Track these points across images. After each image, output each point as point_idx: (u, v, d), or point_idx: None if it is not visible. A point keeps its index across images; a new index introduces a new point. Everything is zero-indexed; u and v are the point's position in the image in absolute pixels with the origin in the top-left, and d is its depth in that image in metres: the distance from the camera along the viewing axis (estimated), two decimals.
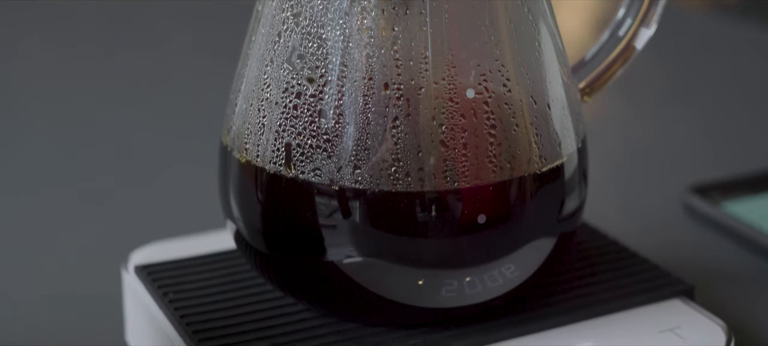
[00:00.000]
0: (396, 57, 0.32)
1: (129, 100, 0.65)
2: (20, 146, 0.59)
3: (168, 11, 0.80)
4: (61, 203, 0.52)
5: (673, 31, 0.71)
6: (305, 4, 0.33)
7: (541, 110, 0.34)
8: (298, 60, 0.33)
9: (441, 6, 0.32)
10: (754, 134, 0.60)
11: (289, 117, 0.33)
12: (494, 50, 0.33)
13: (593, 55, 0.37)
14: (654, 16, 0.36)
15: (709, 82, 0.68)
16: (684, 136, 0.60)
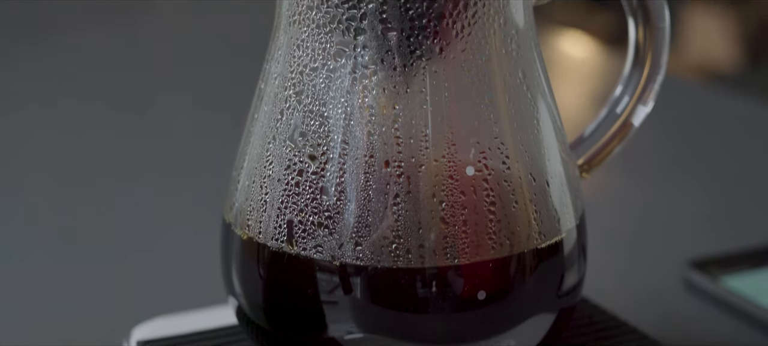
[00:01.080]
0: (397, 135, 0.33)
1: (131, 171, 0.65)
2: (18, 208, 0.59)
3: (172, 85, 0.81)
4: (60, 272, 0.52)
5: (671, 104, 0.72)
6: (307, 82, 0.33)
7: (540, 187, 0.34)
8: (300, 137, 0.33)
9: (441, 85, 0.33)
10: (752, 208, 0.60)
11: (291, 194, 0.33)
12: (493, 128, 0.33)
13: (591, 131, 0.38)
14: (651, 94, 0.37)
15: (707, 156, 0.68)
16: (683, 211, 0.60)
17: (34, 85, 0.80)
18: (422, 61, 0.32)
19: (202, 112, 0.75)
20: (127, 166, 0.66)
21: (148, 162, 0.67)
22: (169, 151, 0.69)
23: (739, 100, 0.81)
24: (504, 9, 0.33)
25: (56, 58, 0.84)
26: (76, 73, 0.82)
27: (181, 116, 0.74)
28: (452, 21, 0.32)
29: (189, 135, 0.71)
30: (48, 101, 0.77)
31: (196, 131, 0.71)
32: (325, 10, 0.33)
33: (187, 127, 0.72)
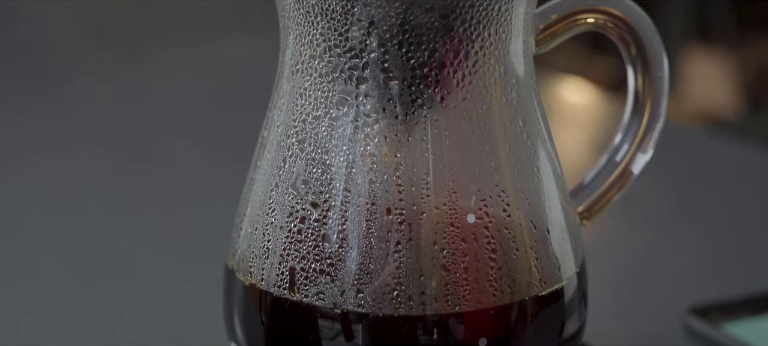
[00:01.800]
0: (398, 182, 0.33)
1: (132, 218, 0.66)
2: (18, 259, 0.59)
3: (174, 134, 0.81)
4: (62, 322, 0.52)
5: (671, 150, 0.72)
6: (310, 130, 0.34)
7: (540, 234, 0.34)
8: (302, 185, 0.34)
9: (442, 133, 0.33)
10: (753, 255, 0.60)
11: (293, 241, 0.34)
12: (494, 176, 0.34)
13: (591, 179, 0.38)
14: (650, 142, 0.37)
15: (707, 202, 0.69)
16: (683, 257, 0.60)
17: (34, 134, 0.80)
18: (424, 110, 0.33)
19: (204, 160, 0.75)
20: (128, 214, 0.67)
21: (150, 209, 0.67)
22: (171, 197, 0.69)
23: (740, 147, 0.82)
24: (504, 58, 0.34)
25: (56, 107, 0.85)
26: (77, 121, 0.82)
27: (184, 164, 0.75)
28: (453, 70, 0.33)
29: (191, 182, 0.71)
30: (48, 149, 0.77)
31: (199, 178, 0.72)
32: (327, 59, 0.33)
33: (189, 174, 0.73)
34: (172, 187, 0.71)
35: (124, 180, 0.72)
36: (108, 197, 0.69)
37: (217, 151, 0.76)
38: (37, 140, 0.79)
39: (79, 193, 0.69)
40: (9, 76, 0.93)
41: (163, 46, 1.02)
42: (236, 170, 0.43)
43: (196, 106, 0.85)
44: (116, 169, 0.74)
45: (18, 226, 0.65)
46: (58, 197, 0.69)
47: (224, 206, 0.48)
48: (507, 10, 0.33)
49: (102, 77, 0.91)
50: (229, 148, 0.74)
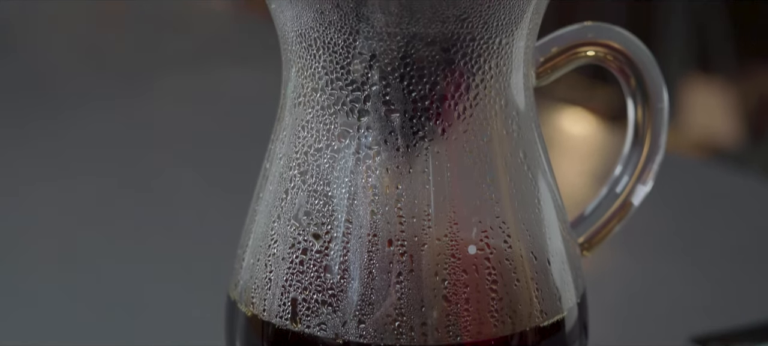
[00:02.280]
0: (400, 214, 0.33)
1: (134, 248, 0.66)
2: (18, 287, 0.59)
3: (176, 164, 0.81)
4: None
5: (672, 181, 0.72)
6: (312, 162, 0.34)
7: (541, 265, 0.35)
8: (304, 216, 0.34)
9: (443, 165, 0.33)
10: (754, 285, 0.60)
11: (295, 272, 0.34)
12: (495, 207, 0.34)
13: (592, 210, 0.38)
14: (650, 174, 0.37)
15: (708, 233, 0.69)
16: (684, 287, 0.60)
17: (34, 162, 0.80)
18: (425, 142, 0.33)
19: (206, 190, 0.75)
20: (129, 243, 0.67)
21: (151, 239, 0.67)
22: (173, 227, 0.69)
23: (740, 177, 0.82)
24: (505, 91, 0.34)
25: (57, 135, 0.85)
26: (77, 150, 0.82)
27: (185, 194, 0.75)
28: (454, 103, 0.33)
29: (193, 212, 0.71)
30: (48, 177, 0.77)
31: (200, 208, 0.72)
32: (329, 92, 0.33)
33: (191, 204, 0.73)
34: (173, 217, 0.71)
35: (125, 209, 0.72)
36: (109, 226, 0.69)
37: (219, 181, 0.76)
38: (38, 168, 0.79)
39: (79, 221, 0.69)
40: (9, 103, 0.93)
41: (164, 75, 1.02)
42: (237, 201, 0.44)
43: (197, 136, 0.85)
44: (117, 198, 0.74)
45: (18, 254, 0.65)
46: (58, 226, 0.69)
47: (226, 237, 0.48)
48: (508, 43, 0.33)
49: (103, 106, 0.92)
50: (231, 178, 0.75)
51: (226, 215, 0.58)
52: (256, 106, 0.85)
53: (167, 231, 0.69)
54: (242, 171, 0.52)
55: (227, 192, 0.72)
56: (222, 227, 0.59)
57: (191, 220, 0.70)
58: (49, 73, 1.04)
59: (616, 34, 0.37)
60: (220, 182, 0.75)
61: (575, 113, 0.96)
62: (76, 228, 0.68)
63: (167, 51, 1.12)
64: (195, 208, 0.72)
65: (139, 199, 0.74)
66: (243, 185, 0.44)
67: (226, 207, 0.68)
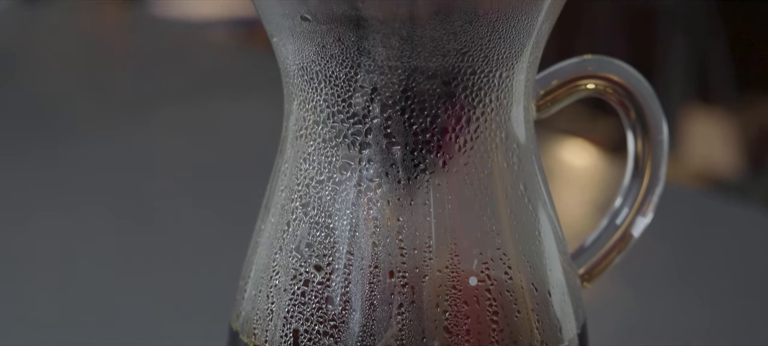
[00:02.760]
0: (401, 246, 0.33)
1: (135, 280, 0.66)
2: (18, 318, 0.59)
3: (177, 195, 0.81)
4: None
5: (672, 212, 0.72)
6: (314, 194, 0.34)
7: (542, 297, 0.35)
8: (306, 248, 0.34)
9: (444, 197, 0.33)
10: (755, 316, 0.60)
11: (297, 303, 0.34)
12: (496, 239, 0.34)
13: (592, 242, 0.38)
14: (650, 206, 0.38)
15: (709, 264, 0.69)
16: (684, 319, 0.60)
17: (34, 192, 0.80)
18: (426, 175, 0.33)
19: (207, 221, 0.75)
20: (130, 275, 0.67)
21: (152, 270, 0.68)
22: (174, 258, 0.69)
23: (740, 208, 0.82)
24: (506, 124, 0.34)
25: (56, 165, 0.85)
26: (77, 180, 0.82)
27: (186, 225, 0.75)
28: (455, 136, 0.33)
29: (194, 243, 0.71)
30: (48, 207, 0.78)
31: (202, 239, 0.72)
32: (331, 125, 0.34)
33: (192, 235, 0.73)
34: (174, 248, 0.71)
35: (125, 240, 0.72)
36: (109, 257, 0.69)
37: (220, 213, 0.76)
38: (37, 199, 0.79)
39: (79, 252, 0.69)
40: (10, 134, 0.93)
41: (165, 107, 1.03)
42: (238, 232, 0.44)
43: (197, 168, 0.85)
44: (117, 229, 0.74)
45: (17, 284, 0.65)
46: (58, 256, 0.69)
47: (227, 268, 0.48)
48: (508, 76, 0.34)
49: (103, 137, 0.92)
50: (232, 210, 0.75)
51: (227, 247, 0.58)
52: (256, 138, 0.85)
53: (168, 263, 0.69)
54: (243, 203, 0.52)
55: (228, 224, 0.72)
56: (223, 259, 0.59)
57: (192, 252, 0.70)
58: (50, 104, 1.05)
59: (615, 67, 0.37)
60: (221, 214, 0.76)
61: (576, 144, 0.96)
62: (76, 259, 0.69)
63: (168, 82, 1.13)
64: (196, 239, 0.72)
65: (139, 231, 0.74)
66: (244, 216, 0.44)
67: (227, 239, 0.68)
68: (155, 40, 1.41)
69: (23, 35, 1.42)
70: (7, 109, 1.01)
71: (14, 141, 0.91)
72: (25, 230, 0.73)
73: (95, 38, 1.46)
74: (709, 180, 1.87)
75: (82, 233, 0.73)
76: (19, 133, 0.93)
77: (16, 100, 1.05)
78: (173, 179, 0.84)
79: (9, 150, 0.89)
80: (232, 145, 0.90)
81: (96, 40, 1.44)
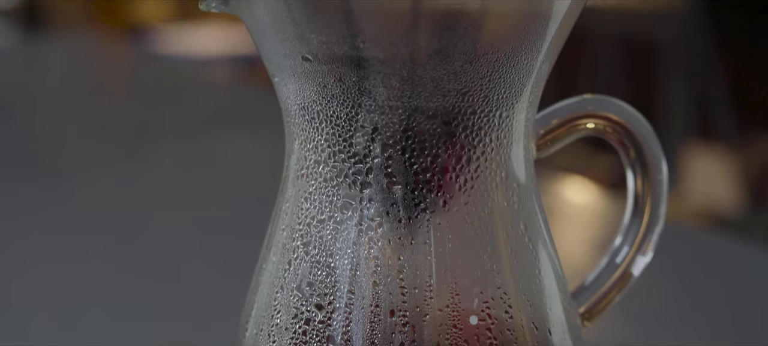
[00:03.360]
0: (402, 285, 0.33)
1: (136, 322, 0.66)
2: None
3: (178, 236, 0.81)
4: None
5: (673, 250, 0.72)
6: (315, 233, 0.34)
7: (542, 336, 0.35)
8: (307, 287, 0.34)
9: (445, 236, 0.33)
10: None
11: (298, 342, 0.34)
12: (496, 278, 0.34)
13: (592, 280, 0.38)
14: (650, 245, 0.38)
15: (709, 301, 0.69)
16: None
17: (35, 232, 0.80)
18: (426, 214, 0.33)
19: (208, 261, 0.75)
20: (131, 314, 0.67)
21: (153, 309, 0.67)
22: (175, 298, 0.69)
23: (741, 246, 0.82)
24: (506, 163, 0.34)
25: (57, 205, 0.85)
26: (78, 220, 0.82)
27: (187, 264, 0.75)
28: (455, 175, 0.33)
29: (195, 282, 0.71)
30: (49, 247, 0.77)
31: (203, 279, 0.72)
32: (332, 164, 0.34)
33: (193, 274, 0.73)
34: (175, 287, 0.71)
35: (126, 281, 0.72)
36: (110, 296, 0.69)
37: (221, 252, 0.76)
38: (37, 239, 0.79)
39: (80, 293, 0.69)
40: (9, 172, 0.93)
41: (166, 145, 1.03)
42: (240, 271, 0.44)
43: (198, 207, 0.85)
44: (118, 270, 0.74)
45: (17, 327, 0.65)
46: (59, 297, 0.69)
47: (229, 306, 0.48)
48: (508, 116, 0.34)
49: (103, 174, 0.92)
50: (232, 249, 0.75)
51: (229, 286, 0.58)
52: (257, 176, 0.85)
53: (169, 301, 0.69)
54: (244, 241, 0.52)
55: (229, 262, 0.72)
56: (224, 297, 0.59)
57: (193, 291, 0.70)
58: (50, 141, 1.05)
59: (615, 107, 0.37)
60: (222, 253, 0.76)
61: (576, 181, 0.97)
62: (76, 300, 0.68)
63: (169, 120, 1.13)
64: (197, 279, 0.72)
65: (140, 271, 0.74)
66: (245, 255, 0.44)
67: (228, 277, 0.68)
68: (156, 78, 1.42)
69: (24, 72, 1.43)
70: (7, 147, 1.01)
71: (14, 179, 0.91)
72: (24, 271, 0.73)
73: (96, 75, 1.46)
74: (709, 217, 1.87)
75: (82, 274, 0.73)
76: (18, 172, 0.93)
77: (17, 138, 1.05)
78: (174, 217, 0.84)
79: (8, 189, 0.89)
80: (233, 183, 0.90)
81: (97, 78, 1.45)
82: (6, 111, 1.18)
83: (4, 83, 1.35)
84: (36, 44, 1.74)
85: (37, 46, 1.71)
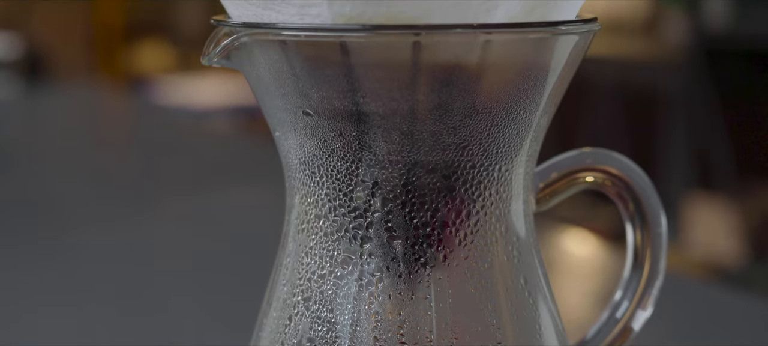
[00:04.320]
0: (402, 340, 0.33)
1: None
2: None
3: (178, 289, 0.81)
4: None
5: (674, 302, 0.72)
6: (315, 288, 0.34)
7: None
8: (308, 343, 0.34)
9: (445, 291, 0.33)
10: None
11: None
12: (496, 334, 0.34)
13: (593, 335, 0.38)
14: (650, 299, 0.38)
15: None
16: None
17: (36, 286, 0.80)
18: (427, 269, 0.33)
19: (208, 315, 0.75)
20: None
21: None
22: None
23: (743, 297, 0.82)
24: (505, 217, 0.34)
25: (58, 258, 0.85)
26: (78, 273, 0.82)
27: (188, 319, 0.75)
28: (455, 230, 0.33)
29: (196, 337, 0.71)
30: (50, 302, 0.77)
31: (203, 333, 0.72)
32: (332, 219, 0.34)
33: (193, 329, 0.73)
34: (176, 341, 0.71)
35: (127, 333, 0.72)
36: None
37: (221, 308, 0.76)
38: (38, 293, 0.79)
39: None
40: (10, 225, 0.93)
41: (166, 196, 1.03)
42: (241, 326, 0.44)
43: (199, 260, 0.85)
44: (119, 325, 0.74)
45: None
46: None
47: None
48: (507, 170, 0.34)
49: (103, 228, 0.92)
50: (233, 303, 0.75)
51: (230, 341, 0.58)
52: (258, 229, 0.85)
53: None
54: (245, 297, 0.52)
55: (229, 318, 0.72)
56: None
57: (194, 344, 0.70)
58: (50, 194, 1.05)
59: (614, 160, 0.37)
60: (222, 308, 0.76)
61: (577, 234, 0.97)
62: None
63: (170, 172, 1.13)
64: (198, 334, 0.72)
65: (141, 326, 0.74)
66: (246, 310, 0.44)
67: (229, 333, 0.68)
68: (157, 130, 1.42)
69: (25, 124, 1.43)
70: (7, 198, 1.01)
71: (14, 231, 0.91)
72: (23, 324, 0.73)
73: (97, 127, 1.47)
74: (711, 269, 1.87)
75: (83, 327, 0.73)
76: (18, 225, 0.93)
77: (17, 189, 1.05)
78: (175, 271, 0.84)
79: (9, 241, 0.89)
80: (234, 236, 0.90)
81: (98, 129, 1.45)
82: (7, 162, 1.18)
83: (6, 134, 1.35)
84: (37, 95, 1.75)
85: (38, 97, 1.72)
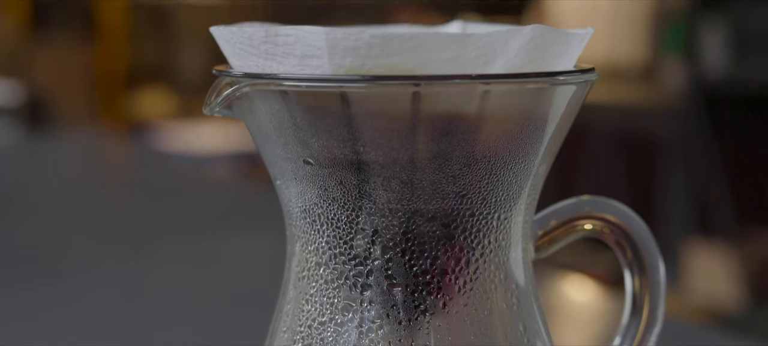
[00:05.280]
0: None
1: None
2: None
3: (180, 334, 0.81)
4: None
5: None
6: (316, 335, 0.34)
7: None
8: None
9: (444, 338, 0.34)
10: None
11: None
12: None
13: None
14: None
15: None
16: None
17: (37, 332, 0.80)
18: (426, 316, 0.34)
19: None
20: None
21: None
22: None
23: (742, 344, 0.82)
24: (504, 265, 0.35)
25: (57, 305, 0.85)
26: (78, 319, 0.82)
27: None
28: (455, 277, 0.34)
29: None
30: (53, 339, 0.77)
31: None
32: (333, 266, 0.34)
33: None
34: None
35: None
36: None
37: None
38: (39, 339, 0.79)
39: None
40: (10, 271, 0.93)
41: (166, 243, 1.03)
42: None
43: (199, 307, 0.85)
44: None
45: None
46: None
47: None
48: (506, 218, 0.34)
49: (104, 275, 0.92)
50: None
51: None
52: (258, 276, 0.86)
53: None
54: (245, 344, 0.52)
55: None
56: None
57: None
58: (51, 240, 1.05)
59: (612, 208, 0.38)
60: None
61: (576, 280, 0.97)
62: None
63: (170, 219, 1.14)
64: None
65: None
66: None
67: None
68: (157, 176, 1.42)
69: (26, 170, 1.44)
70: (7, 245, 1.01)
71: (14, 278, 0.91)
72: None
73: (98, 173, 1.47)
74: (711, 315, 1.87)
75: None
76: (19, 270, 0.94)
77: (18, 235, 1.06)
78: (175, 318, 0.84)
79: (9, 288, 0.89)
80: (234, 283, 0.90)
81: (98, 175, 1.45)
82: (8, 208, 1.18)
83: (7, 180, 1.35)
84: (38, 142, 1.75)
85: (39, 143, 1.72)
